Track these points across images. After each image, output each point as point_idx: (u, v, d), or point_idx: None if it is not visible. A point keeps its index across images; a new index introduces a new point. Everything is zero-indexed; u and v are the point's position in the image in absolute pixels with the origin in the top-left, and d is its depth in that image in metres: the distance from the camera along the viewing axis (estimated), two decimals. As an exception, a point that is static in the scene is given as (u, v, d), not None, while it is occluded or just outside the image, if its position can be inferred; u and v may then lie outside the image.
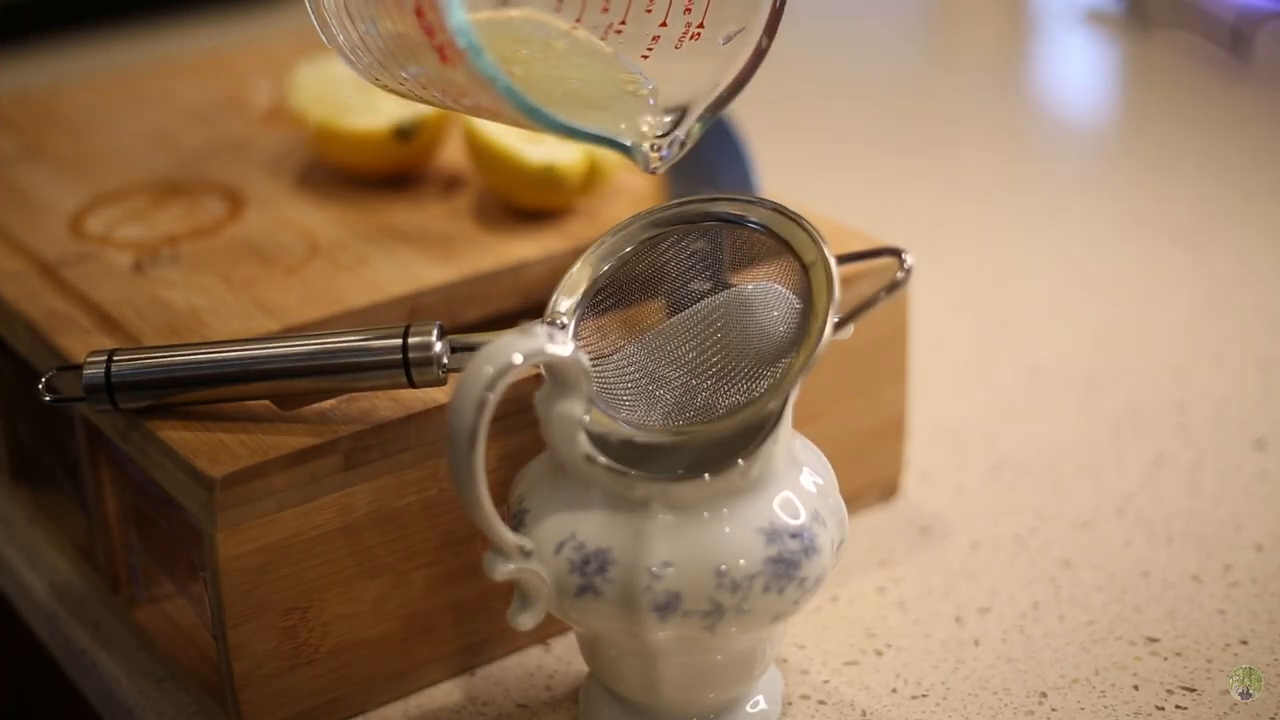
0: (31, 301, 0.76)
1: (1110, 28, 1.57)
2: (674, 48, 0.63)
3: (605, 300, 0.66)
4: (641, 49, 0.64)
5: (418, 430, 0.65)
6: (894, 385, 0.81)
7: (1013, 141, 1.36)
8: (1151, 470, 0.85)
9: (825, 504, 0.62)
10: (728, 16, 0.63)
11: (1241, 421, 0.89)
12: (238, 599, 0.63)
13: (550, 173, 0.80)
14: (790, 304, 0.64)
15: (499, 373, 0.56)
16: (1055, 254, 1.12)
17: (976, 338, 1.00)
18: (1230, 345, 0.97)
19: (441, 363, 0.64)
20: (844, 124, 1.38)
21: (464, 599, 0.69)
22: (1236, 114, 1.35)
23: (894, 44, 1.59)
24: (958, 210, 1.20)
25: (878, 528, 0.80)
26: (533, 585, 0.60)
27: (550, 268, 0.77)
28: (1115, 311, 1.03)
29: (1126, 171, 1.28)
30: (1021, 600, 0.75)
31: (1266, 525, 0.79)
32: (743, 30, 0.62)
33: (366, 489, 0.65)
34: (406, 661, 0.69)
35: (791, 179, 0.91)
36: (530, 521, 0.61)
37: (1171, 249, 1.11)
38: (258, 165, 0.91)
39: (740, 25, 0.62)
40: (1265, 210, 1.16)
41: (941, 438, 0.88)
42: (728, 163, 0.83)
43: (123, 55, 1.50)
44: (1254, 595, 0.74)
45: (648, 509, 0.59)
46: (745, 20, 0.62)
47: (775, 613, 0.60)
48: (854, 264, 0.68)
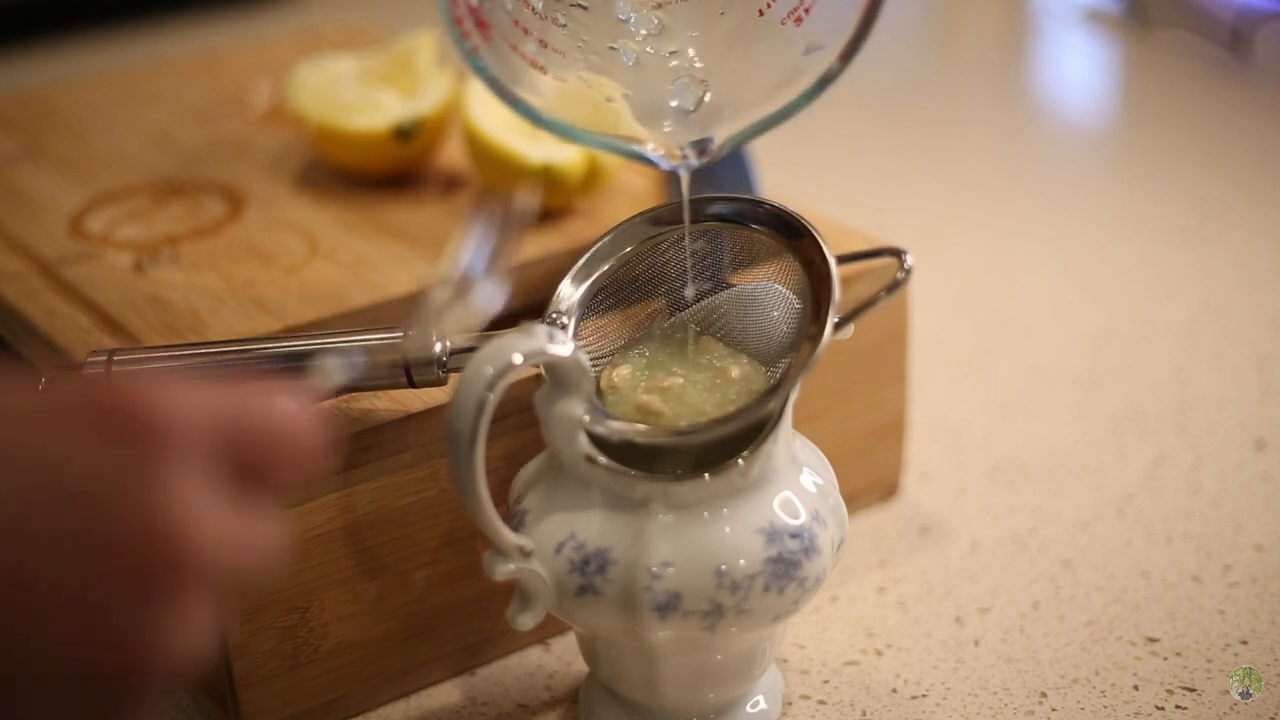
0: (31, 301, 0.76)
1: (1110, 28, 1.57)
2: (779, 22, 0.61)
3: (605, 300, 0.66)
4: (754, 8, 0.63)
5: (418, 430, 0.65)
6: (894, 385, 0.81)
7: (1013, 141, 1.36)
8: (1151, 470, 0.85)
9: (825, 504, 0.62)
10: (827, 23, 0.61)
11: (1241, 421, 0.89)
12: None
13: (550, 172, 0.80)
14: (790, 304, 0.64)
15: (499, 373, 0.56)
16: (1055, 254, 1.12)
17: (976, 338, 1.00)
18: (1230, 345, 0.97)
19: (441, 363, 0.64)
20: (844, 124, 1.37)
21: (464, 599, 0.69)
22: (1236, 114, 1.35)
23: (894, 44, 1.59)
24: (958, 210, 1.20)
25: (878, 528, 0.80)
26: (533, 585, 0.60)
27: (550, 268, 0.77)
28: (1115, 311, 1.03)
29: (1126, 171, 1.28)
30: (1021, 600, 0.75)
31: (1266, 525, 0.79)
32: (822, 49, 0.61)
33: (366, 489, 0.65)
34: (406, 661, 0.69)
35: (791, 179, 0.91)
36: (530, 521, 0.61)
37: (1171, 249, 1.11)
38: (258, 165, 0.91)
39: (824, 42, 0.61)
40: (1265, 210, 1.16)
41: (941, 438, 0.88)
42: (728, 163, 0.83)
43: (123, 55, 1.50)
44: (1254, 595, 0.74)
45: (648, 509, 0.59)
46: (833, 37, 0.60)
47: (775, 613, 0.60)
48: (854, 264, 0.68)
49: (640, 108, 0.63)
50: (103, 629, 0.36)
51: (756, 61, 0.63)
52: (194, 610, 0.37)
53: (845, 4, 0.60)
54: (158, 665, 0.36)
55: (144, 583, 0.36)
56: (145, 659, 0.36)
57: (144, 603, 0.36)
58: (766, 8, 0.62)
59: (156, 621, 0.36)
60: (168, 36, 1.56)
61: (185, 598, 0.37)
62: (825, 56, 0.61)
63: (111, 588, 0.36)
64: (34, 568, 0.35)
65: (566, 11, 0.61)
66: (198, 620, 0.37)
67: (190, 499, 0.37)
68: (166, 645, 0.36)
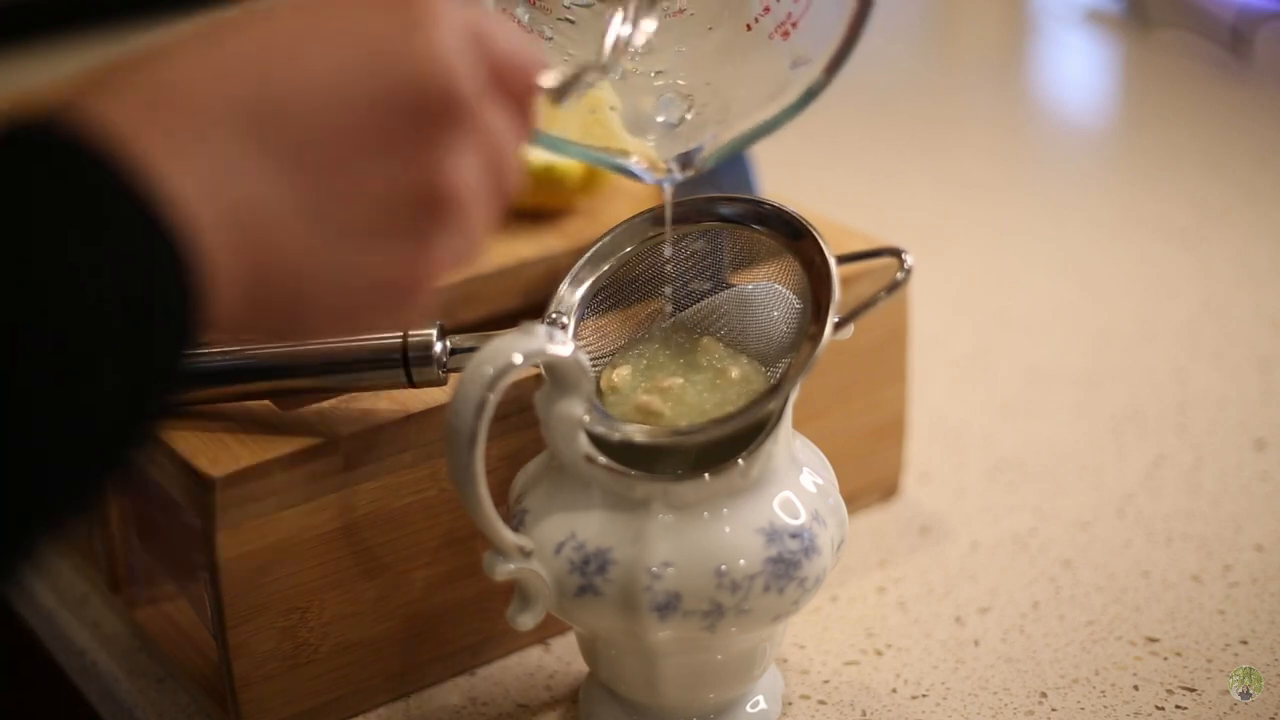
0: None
1: (1110, 28, 1.57)
2: (767, 36, 0.62)
3: (605, 300, 0.66)
4: (741, 23, 0.63)
5: (418, 430, 0.65)
6: (894, 385, 0.81)
7: (1013, 141, 1.36)
8: (1151, 470, 0.85)
9: (825, 504, 0.62)
10: (814, 36, 0.61)
11: (1241, 421, 0.89)
12: (238, 599, 0.63)
13: (550, 173, 0.80)
14: (790, 304, 0.64)
15: (499, 373, 0.56)
16: (1055, 254, 1.12)
17: (976, 338, 1.00)
18: (1230, 345, 0.97)
19: (441, 363, 0.64)
20: (844, 124, 1.37)
21: (464, 599, 0.69)
22: (1236, 114, 1.35)
23: (894, 44, 1.59)
24: (958, 210, 1.20)
25: (878, 528, 0.80)
26: (533, 585, 0.60)
27: (550, 268, 0.77)
28: (1115, 311, 1.03)
29: (1126, 171, 1.28)
30: (1021, 600, 0.74)
31: (1266, 525, 0.79)
32: (808, 63, 0.61)
33: (366, 489, 0.65)
34: (406, 661, 0.69)
35: (791, 179, 0.91)
36: (530, 521, 0.61)
37: (1171, 249, 1.11)
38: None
39: (811, 55, 0.61)
40: (1265, 210, 1.16)
41: (941, 438, 0.88)
42: (727, 163, 0.83)
43: (123, 55, 1.50)
44: (1254, 595, 0.74)
45: (648, 509, 0.59)
46: (820, 49, 0.61)
47: (775, 613, 0.60)
48: (854, 264, 0.68)
49: (627, 121, 0.63)
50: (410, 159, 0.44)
51: (743, 75, 0.63)
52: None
53: (832, 17, 0.60)
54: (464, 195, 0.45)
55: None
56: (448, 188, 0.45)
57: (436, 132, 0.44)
58: (754, 22, 0.62)
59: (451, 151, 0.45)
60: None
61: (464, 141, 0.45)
62: (811, 69, 0.61)
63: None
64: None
65: (554, 25, 0.61)
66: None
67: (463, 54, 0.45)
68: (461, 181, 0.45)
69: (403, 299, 0.46)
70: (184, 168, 0.40)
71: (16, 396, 0.37)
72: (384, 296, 0.46)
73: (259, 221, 0.42)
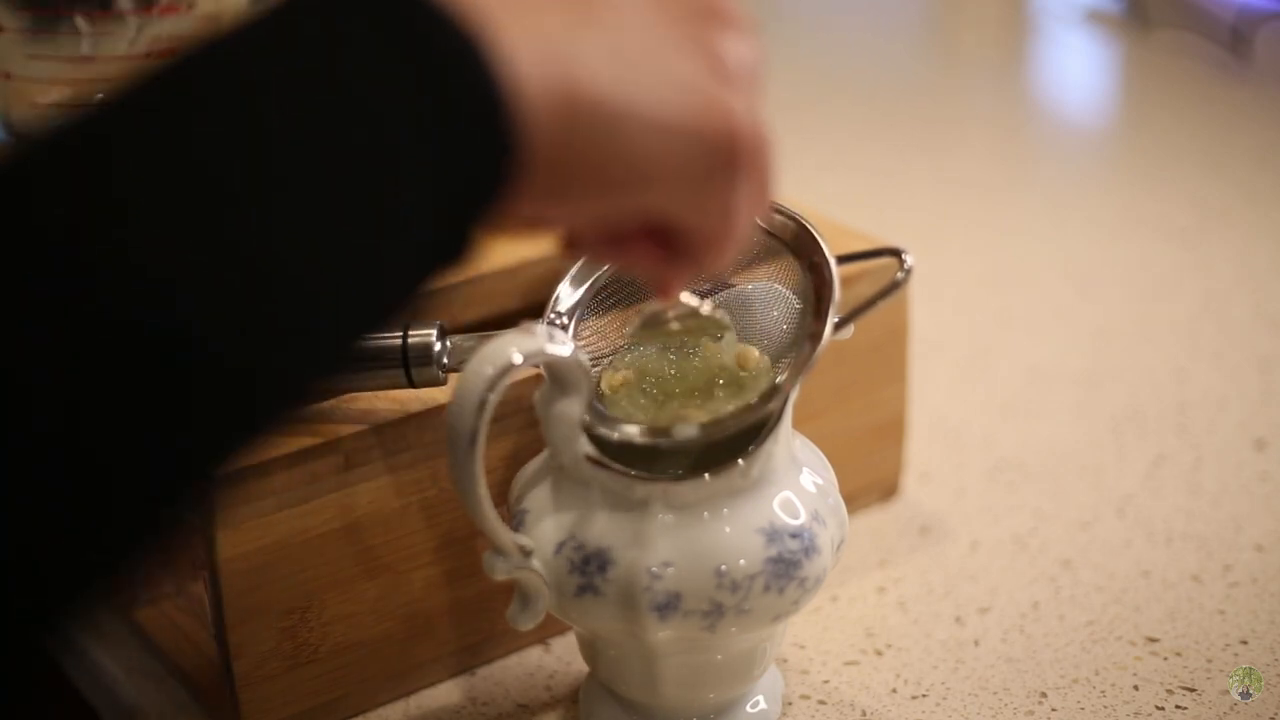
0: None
1: (1110, 28, 1.57)
2: None
3: (605, 300, 0.66)
4: None
5: (418, 430, 0.65)
6: (894, 385, 0.81)
7: (1013, 141, 1.36)
8: (1151, 470, 0.85)
9: (825, 504, 0.62)
10: None
11: (1241, 421, 0.89)
12: (238, 599, 0.63)
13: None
14: (790, 304, 0.64)
15: (499, 373, 0.56)
16: (1055, 254, 1.12)
17: (976, 338, 1.00)
18: (1230, 345, 0.97)
19: (441, 363, 0.64)
20: (844, 124, 1.38)
21: (464, 599, 0.69)
22: (1236, 114, 1.35)
23: (894, 44, 1.59)
24: (958, 210, 1.20)
25: (878, 528, 0.80)
26: (533, 585, 0.60)
27: (550, 268, 0.77)
28: (1115, 311, 1.03)
29: (1126, 171, 1.28)
30: (1021, 600, 0.74)
31: (1266, 525, 0.79)
32: None
33: (366, 489, 0.65)
34: (406, 661, 0.69)
35: (791, 179, 0.91)
36: (530, 521, 0.61)
37: (1171, 249, 1.11)
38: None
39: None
40: (1265, 210, 1.16)
41: (941, 438, 0.88)
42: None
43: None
44: (1254, 595, 0.74)
45: (648, 509, 0.59)
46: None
47: (775, 613, 0.60)
48: (854, 264, 0.68)
49: None
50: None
51: None
52: None
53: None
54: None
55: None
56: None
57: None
58: None
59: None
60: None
61: None
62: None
63: None
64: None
65: None
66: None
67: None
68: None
69: (713, 99, 0.47)
70: (515, 31, 0.43)
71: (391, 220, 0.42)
72: (695, 98, 0.47)
73: (569, 69, 0.44)
